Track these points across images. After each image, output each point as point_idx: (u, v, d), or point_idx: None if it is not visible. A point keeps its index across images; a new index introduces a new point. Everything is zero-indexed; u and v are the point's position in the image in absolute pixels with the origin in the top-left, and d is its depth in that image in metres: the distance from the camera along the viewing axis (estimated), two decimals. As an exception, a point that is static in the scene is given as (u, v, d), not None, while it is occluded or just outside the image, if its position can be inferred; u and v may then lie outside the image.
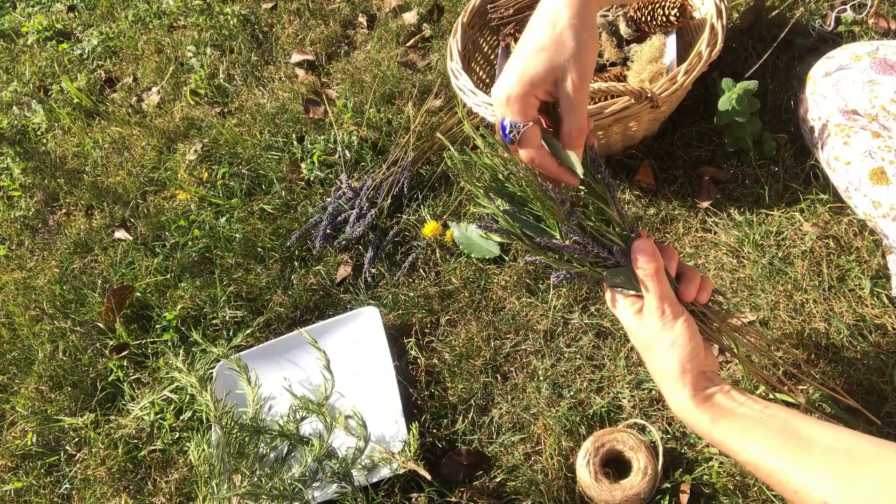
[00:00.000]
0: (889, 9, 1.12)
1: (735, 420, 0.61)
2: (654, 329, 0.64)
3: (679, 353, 0.63)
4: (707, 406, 0.62)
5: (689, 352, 0.63)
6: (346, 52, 1.61)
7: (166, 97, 1.73)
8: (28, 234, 1.56)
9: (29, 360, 1.27)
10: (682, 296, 0.67)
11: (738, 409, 0.62)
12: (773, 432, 0.58)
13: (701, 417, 0.62)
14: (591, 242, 0.63)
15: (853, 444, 0.54)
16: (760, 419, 0.60)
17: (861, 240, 0.92)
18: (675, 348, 0.63)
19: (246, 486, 0.82)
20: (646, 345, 0.66)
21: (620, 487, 0.80)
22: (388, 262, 1.17)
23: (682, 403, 0.63)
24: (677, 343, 0.63)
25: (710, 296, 0.69)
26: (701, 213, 1.03)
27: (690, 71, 0.93)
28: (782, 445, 0.57)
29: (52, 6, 2.33)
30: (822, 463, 0.54)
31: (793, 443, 0.57)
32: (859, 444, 0.54)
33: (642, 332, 0.65)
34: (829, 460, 0.54)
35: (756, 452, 0.58)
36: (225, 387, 1.06)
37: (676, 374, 0.63)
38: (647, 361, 0.67)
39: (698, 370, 0.64)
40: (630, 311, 0.66)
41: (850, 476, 0.52)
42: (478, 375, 0.99)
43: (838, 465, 0.53)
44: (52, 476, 1.12)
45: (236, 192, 1.38)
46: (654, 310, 0.64)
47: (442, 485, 0.91)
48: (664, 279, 0.65)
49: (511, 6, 1.22)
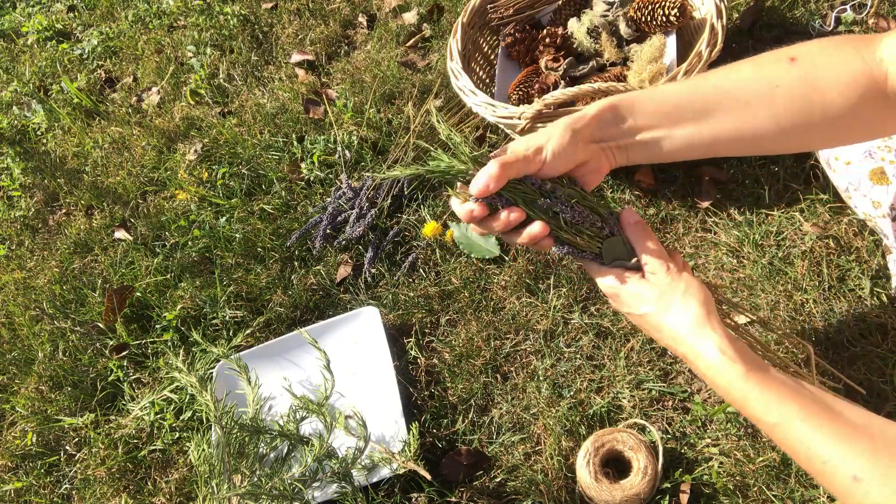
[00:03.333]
0: (889, 9, 1.12)
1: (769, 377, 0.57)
2: (664, 283, 0.62)
3: (697, 296, 0.61)
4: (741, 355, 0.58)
5: (706, 295, 0.61)
6: (346, 52, 1.61)
7: (166, 97, 1.73)
8: (28, 234, 1.56)
9: (29, 360, 1.27)
10: None
11: (770, 368, 0.59)
12: (808, 398, 0.55)
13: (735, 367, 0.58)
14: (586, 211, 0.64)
15: (885, 428, 0.52)
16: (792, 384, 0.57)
17: (861, 240, 0.92)
18: (691, 292, 0.61)
19: (246, 486, 0.82)
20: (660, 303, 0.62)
21: (620, 487, 0.80)
22: (388, 262, 1.17)
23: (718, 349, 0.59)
24: (691, 288, 0.61)
25: None
26: (701, 213, 1.03)
27: (690, 71, 0.93)
28: (818, 412, 0.54)
29: (52, 6, 2.33)
30: (858, 439, 0.51)
31: (828, 413, 0.54)
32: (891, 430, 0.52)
33: (653, 292, 0.63)
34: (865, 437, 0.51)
35: (790, 413, 0.55)
36: (225, 387, 1.06)
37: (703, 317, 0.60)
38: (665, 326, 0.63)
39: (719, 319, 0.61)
40: (635, 279, 0.64)
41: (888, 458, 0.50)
42: (478, 375, 0.99)
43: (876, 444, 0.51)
44: (52, 476, 1.12)
45: (236, 192, 1.38)
46: (658, 266, 0.63)
47: (442, 485, 0.91)
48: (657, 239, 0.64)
49: (511, 6, 1.22)
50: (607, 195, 1.10)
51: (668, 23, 1.08)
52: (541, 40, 1.18)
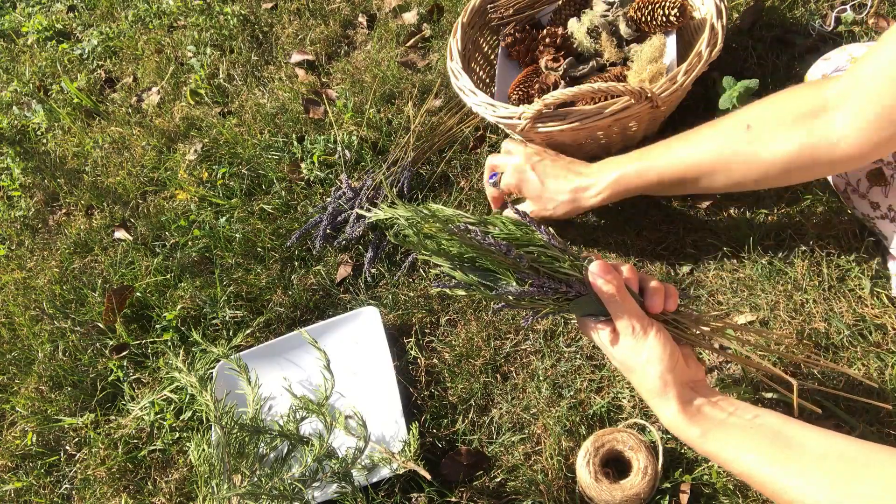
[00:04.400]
0: (889, 9, 1.12)
1: (726, 431, 0.61)
2: (628, 348, 0.65)
3: (657, 367, 0.63)
4: (697, 419, 0.62)
5: (667, 364, 0.63)
6: (346, 52, 1.61)
7: (166, 97, 1.73)
8: (28, 234, 1.56)
9: (29, 360, 1.27)
10: (649, 308, 0.68)
11: (728, 420, 0.62)
12: (765, 441, 0.58)
13: (691, 431, 0.62)
14: (548, 281, 0.64)
15: (845, 449, 0.55)
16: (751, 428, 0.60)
17: (861, 240, 0.92)
18: (652, 363, 0.64)
19: (246, 486, 0.82)
20: (624, 365, 0.67)
21: (620, 487, 0.80)
22: (388, 262, 1.17)
23: (672, 418, 0.64)
24: (653, 357, 0.64)
25: (677, 302, 0.70)
26: (701, 213, 1.03)
27: (690, 71, 0.93)
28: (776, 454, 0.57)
29: (52, 6, 2.33)
30: (816, 470, 0.54)
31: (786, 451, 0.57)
32: (851, 449, 0.54)
33: (619, 354, 0.66)
34: (823, 467, 0.54)
35: (749, 463, 0.58)
36: (225, 387, 1.06)
37: (658, 389, 0.64)
38: (632, 383, 0.68)
39: (681, 382, 0.64)
40: (606, 338, 0.67)
41: (845, 481, 0.52)
42: (478, 375, 0.99)
43: (833, 470, 0.53)
44: (52, 476, 1.12)
45: (236, 192, 1.38)
46: (623, 328, 0.65)
47: (442, 485, 0.91)
48: (627, 296, 0.65)
49: (511, 6, 1.22)
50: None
51: (668, 23, 1.08)
52: (541, 40, 1.18)
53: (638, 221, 1.05)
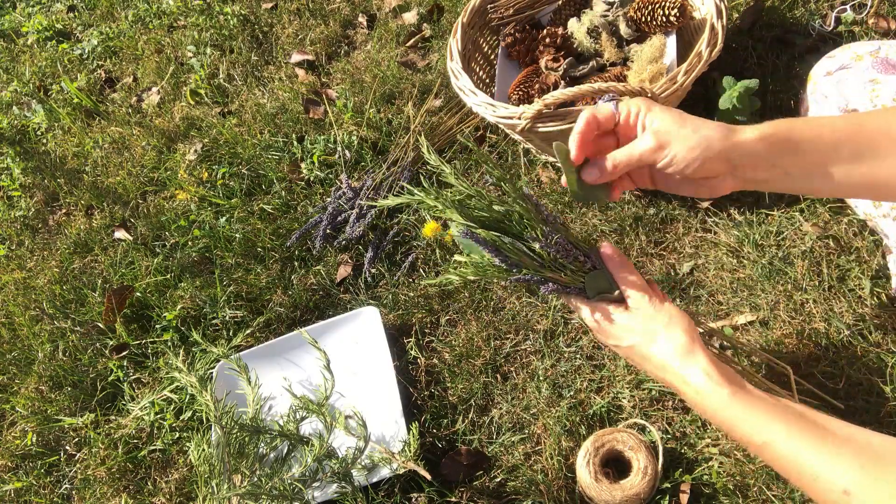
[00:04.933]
0: (889, 9, 1.12)
1: (754, 398, 0.58)
2: (648, 314, 0.64)
3: (681, 324, 0.62)
4: (726, 378, 0.59)
5: (689, 323, 0.63)
6: (346, 52, 1.61)
7: (166, 97, 1.73)
8: (28, 234, 1.56)
9: (29, 360, 1.27)
10: None
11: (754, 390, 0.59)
12: (793, 416, 0.56)
13: (721, 390, 0.59)
14: (570, 245, 0.65)
15: (870, 439, 0.53)
16: (776, 403, 0.58)
17: (861, 240, 0.92)
18: (674, 322, 0.63)
19: (246, 486, 0.82)
20: (645, 334, 0.64)
21: (620, 487, 0.80)
22: (388, 262, 1.17)
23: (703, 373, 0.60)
24: (675, 318, 0.63)
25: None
26: (701, 213, 1.03)
27: (690, 71, 0.92)
28: (804, 429, 0.55)
29: (52, 6, 2.33)
30: (845, 452, 0.52)
31: (814, 429, 0.54)
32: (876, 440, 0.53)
33: (637, 323, 0.65)
34: (852, 450, 0.52)
35: (778, 433, 0.55)
36: (225, 387, 1.06)
37: (687, 345, 0.61)
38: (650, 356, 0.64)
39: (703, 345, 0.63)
40: (620, 311, 0.66)
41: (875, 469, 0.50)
42: (478, 375, 0.99)
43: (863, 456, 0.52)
44: (52, 476, 1.12)
45: (236, 192, 1.38)
46: (640, 297, 0.65)
47: (442, 485, 0.91)
48: (638, 273, 0.66)
49: (511, 6, 1.22)
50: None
51: (669, 23, 1.08)
52: (541, 40, 1.18)
53: (638, 221, 1.05)
